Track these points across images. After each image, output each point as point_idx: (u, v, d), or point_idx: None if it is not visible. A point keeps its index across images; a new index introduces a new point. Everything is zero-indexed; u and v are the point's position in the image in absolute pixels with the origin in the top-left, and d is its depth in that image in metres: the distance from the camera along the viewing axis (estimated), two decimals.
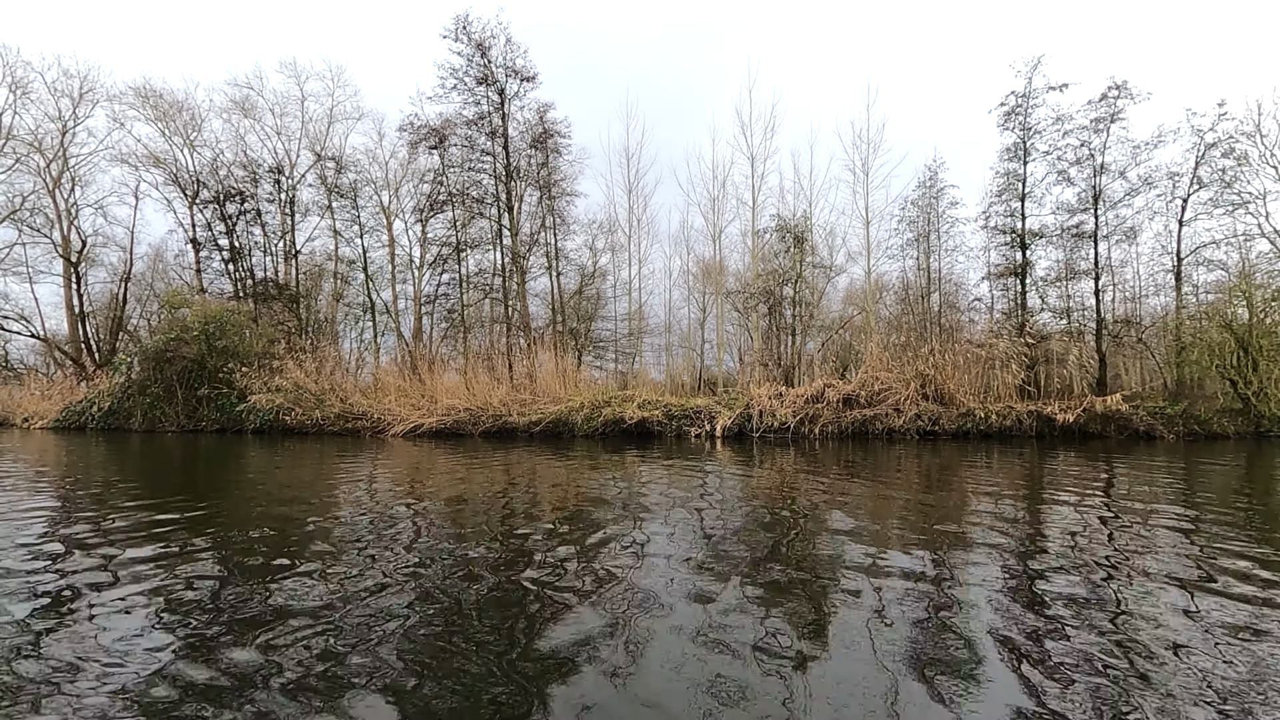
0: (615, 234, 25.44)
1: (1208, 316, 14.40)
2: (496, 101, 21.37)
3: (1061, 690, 2.03)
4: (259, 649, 2.37)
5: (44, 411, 21.98)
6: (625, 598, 2.95)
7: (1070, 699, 1.98)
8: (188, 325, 19.10)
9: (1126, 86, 16.50)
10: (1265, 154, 16.17)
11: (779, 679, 2.10)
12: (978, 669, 2.16)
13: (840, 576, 3.25)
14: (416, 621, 2.66)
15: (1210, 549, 3.78)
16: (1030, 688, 2.05)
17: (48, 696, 2.01)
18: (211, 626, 2.61)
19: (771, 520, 4.88)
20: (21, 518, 4.96)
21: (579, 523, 4.80)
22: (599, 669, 2.19)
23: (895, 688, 2.04)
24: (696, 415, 14.33)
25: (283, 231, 25.16)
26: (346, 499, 5.99)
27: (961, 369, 14.31)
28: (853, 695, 2.00)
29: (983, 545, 3.89)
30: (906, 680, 2.10)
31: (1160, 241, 17.47)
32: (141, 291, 30.32)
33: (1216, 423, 12.75)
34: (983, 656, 2.26)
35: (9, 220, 27.62)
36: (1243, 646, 2.34)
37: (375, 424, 16.04)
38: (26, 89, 26.62)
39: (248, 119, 25.72)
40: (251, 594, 3.04)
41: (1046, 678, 2.12)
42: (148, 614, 2.79)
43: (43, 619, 2.72)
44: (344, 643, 2.40)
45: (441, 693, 2.04)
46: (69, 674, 2.16)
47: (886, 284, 22.73)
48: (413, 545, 4.04)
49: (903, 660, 2.25)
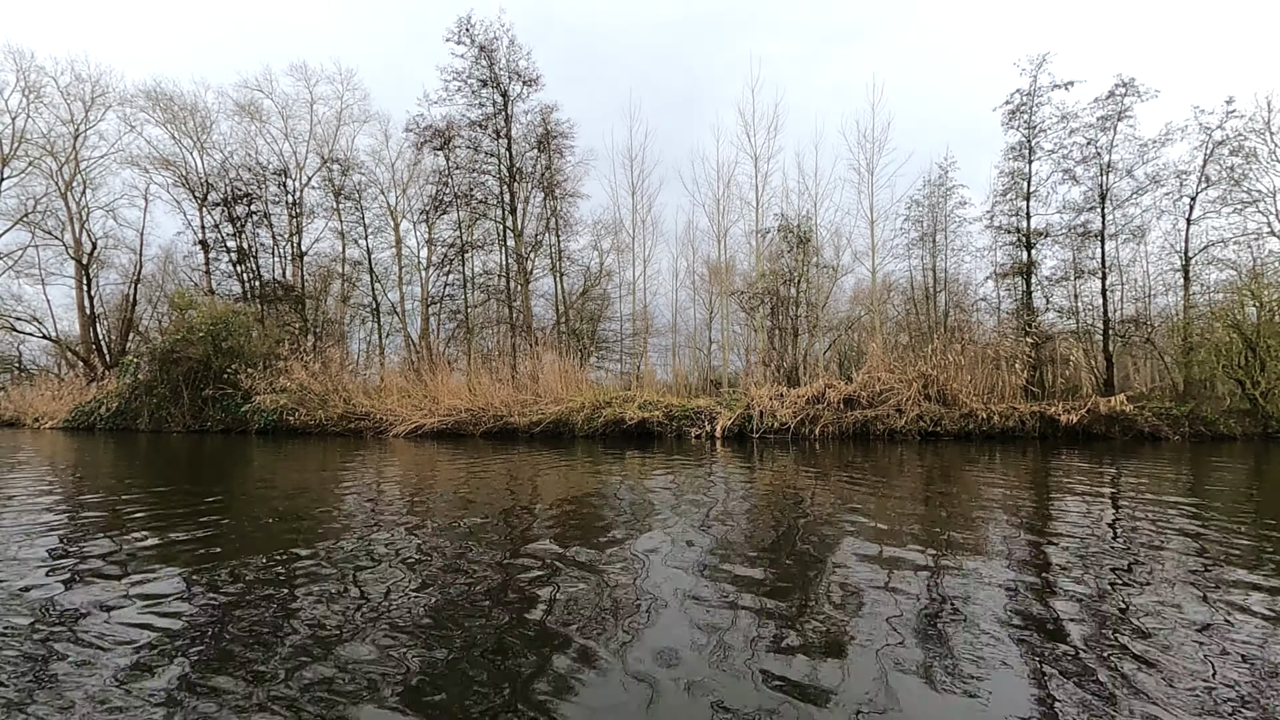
0: (620, 234, 25.47)
1: (1215, 316, 14.20)
2: (500, 103, 21.45)
3: (1066, 698, 2.00)
4: (260, 660, 2.37)
5: (54, 412, 22.28)
6: (621, 602, 2.92)
7: (1075, 708, 1.95)
8: (194, 326, 19.28)
9: (1134, 84, 16.32)
10: (1275, 151, 15.94)
11: (782, 691, 2.05)
12: (984, 682, 2.11)
13: (840, 586, 3.19)
14: (420, 635, 2.65)
15: (1217, 556, 3.70)
16: (1036, 698, 2.01)
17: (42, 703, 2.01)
18: (210, 643, 2.61)
19: (767, 521, 4.85)
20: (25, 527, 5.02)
21: (577, 525, 4.79)
22: (600, 675, 2.16)
23: (901, 696, 2.01)
24: (697, 416, 14.30)
25: (290, 233, 25.37)
26: (347, 506, 6.03)
27: (965, 369, 14.19)
28: (859, 704, 1.97)
29: (988, 552, 3.81)
30: (913, 688, 2.06)
31: (1169, 240, 17.26)
32: (152, 293, 30.67)
33: (1223, 424, 12.56)
34: (991, 668, 2.21)
35: (22, 223, 28.02)
36: (1252, 659, 2.28)
37: (377, 424, 16.12)
38: (40, 93, 27.06)
39: (256, 121, 25.99)
40: (257, 603, 3.05)
41: (1053, 687, 2.08)
42: (150, 615, 2.81)
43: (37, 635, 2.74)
44: (345, 654, 2.35)
45: (447, 702, 2.01)
46: (67, 685, 2.17)
47: (895, 284, 22.62)
48: (413, 555, 4.05)
49: (909, 669, 2.20)
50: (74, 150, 27.85)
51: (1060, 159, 17.31)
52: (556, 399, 15.55)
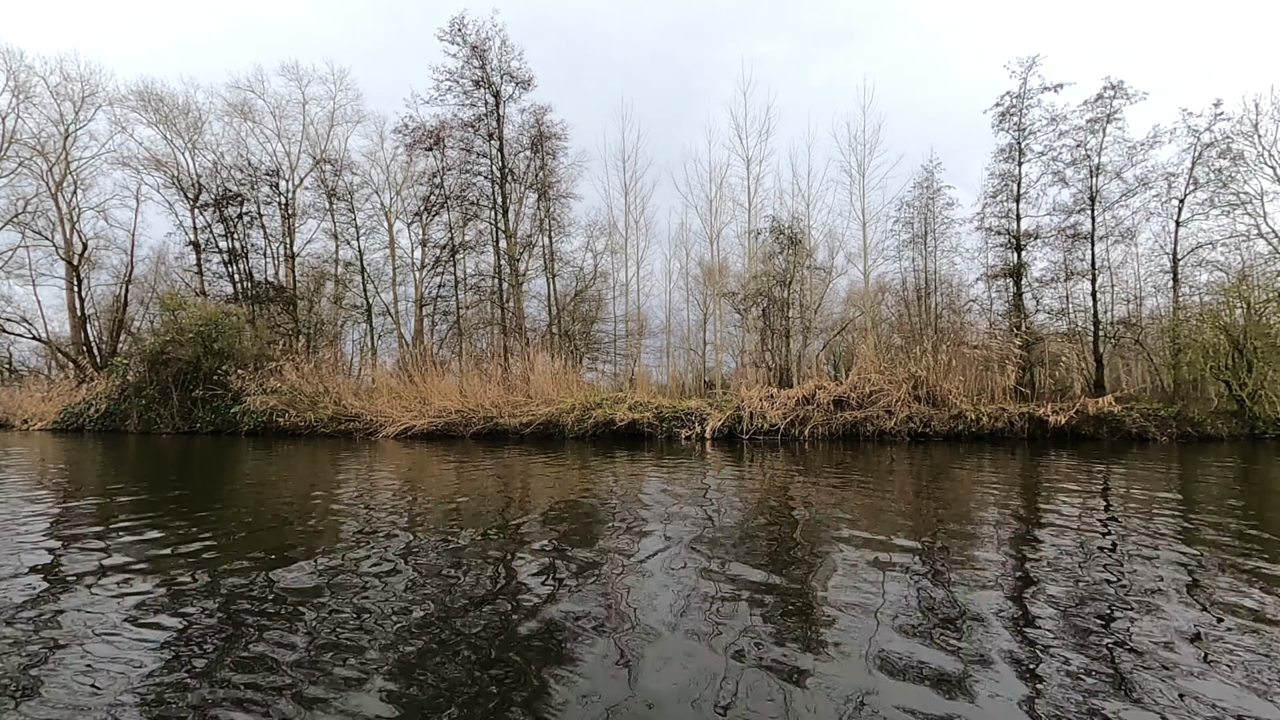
0: (614, 236, 25.45)
1: (1202, 318, 14.26)
2: (492, 104, 21.42)
3: (1056, 704, 1.99)
4: (253, 661, 2.35)
5: (43, 413, 22.12)
6: (612, 609, 2.90)
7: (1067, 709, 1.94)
8: (184, 328, 19.18)
9: (1123, 86, 16.39)
10: (1263, 154, 16.03)
11: (775, 694, 2.05)
12: (977, 684, 2.11)
13: (828, 587, 3.18)
14: (410, 635, 2.63)
15: (1201, 557, 3.71)
16: (1027, 704, 2.00)
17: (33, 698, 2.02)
18: (197, 647, 2.58)
19: (754, 522, 4.84)
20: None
21: (564, 527, 4.78)
22: (592, 678, 2.16)
23: (890, 700, 2.00)
24: (688, 417, 14.28)
25: (283, 234, 25.28)
26: (335, 511, 5.99)
27: (956, 370, 14.21)
28: (848, 707, 1.96)
29: (978, 558, 3.78)
30: (902, 692, 2.06)
31: (1159, 242, 17.34)
32: (144, 293, 30.50)
33: (1211, 424, 12.61)
34: (981, 671, 2.21)
35: (12, 223, 27.84)
36: (1242, 663, 2.28)
37: (367, 426, 16.05)
38: (29, 93, 26.88)
39: (248, 122, 25.88)
40: (242, 613, 3.02)
41: (1043, 689, 2.09)
42: (142, 619, 2.78)
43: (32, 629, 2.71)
44: (336, 655, 2.35)
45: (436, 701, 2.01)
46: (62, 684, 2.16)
47: (889, 285, 22.65)
48: (400, 560, 4.02)
49: (900, 672, 2.20)
50: (64, 150, 27.70)
51: (1050, 161, 17.40)
52: (547, 400, 15.52)
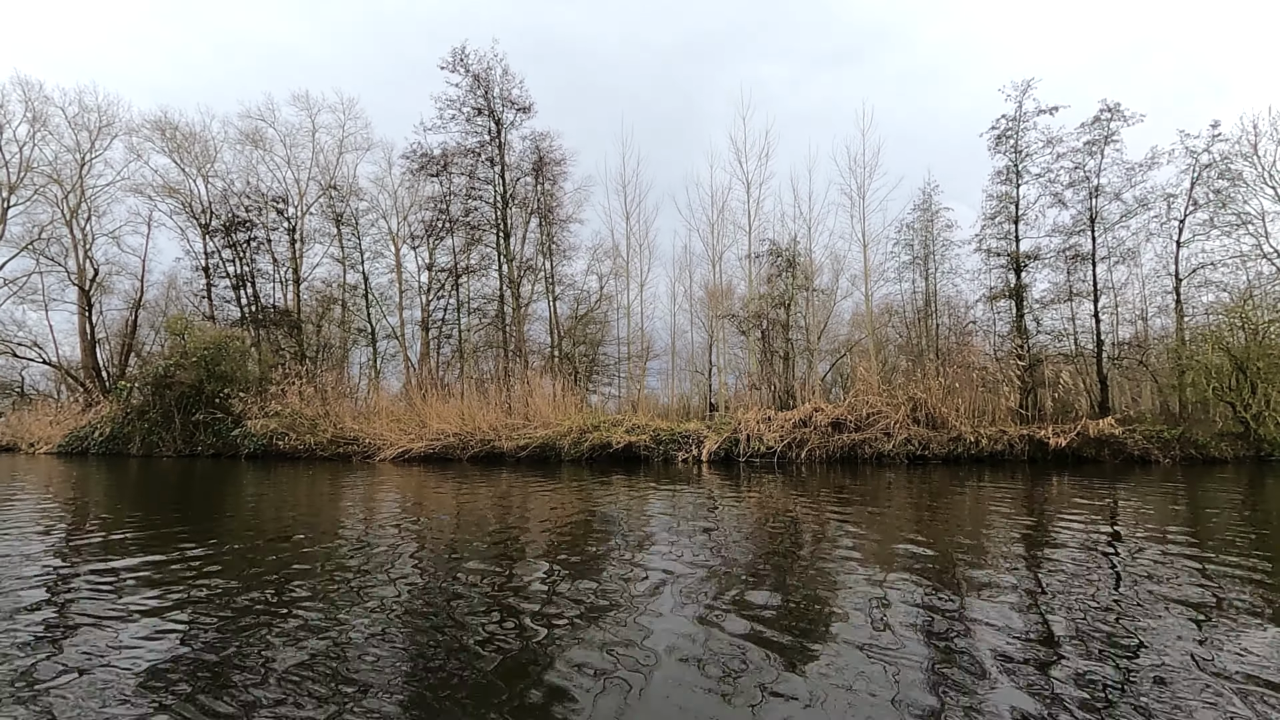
0: (617, 259, 25.57)
1: (1204, 338, 14.09)
2: (494, 130, 21.77)
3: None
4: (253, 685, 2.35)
5: (49, 437, 22.32)
6: (611, 633, 2.89)
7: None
8: (188, 351, 19.39)
9: (1119, 108, 16.45)
10: (1263, 174, 15.98)
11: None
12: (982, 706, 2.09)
13: (830, 614, 3.16)
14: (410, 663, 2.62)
15: (1206, 584, 3.65)
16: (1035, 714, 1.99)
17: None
18: (198, 666, 2.58)
19: (750, 548, 4.78)
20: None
21: (561, 549, 4.74)
22: (593, 699, 2.17)
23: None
24: (684, 440, 14.20)
25: (290, 259, 25.64)
26: (333, 534, 5.97)
27: (956, 392, 14.09)
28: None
29: (979, 581, 3.76)
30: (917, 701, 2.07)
31: (1162, 262, 17.24)
32: (155, 318, 30.91)
33: (1215, 447, 12.38)
34: (986, 694, 2.20)
35: (27, 249, 28.40)
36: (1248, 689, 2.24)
37: (365, 449, 16.07)
38: (46, 123, 27.59)
39: (259, 149, 26.43)
40: (245, 632, 3.01)
41: (1051, 706, 2.07)
42: (147, 638, 2.82)
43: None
44: (339, 683, 2.35)
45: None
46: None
47: (893, 307, 22.56)
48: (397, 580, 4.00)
49: (903, 693, 2.20)
50: (80, 178, 28.33)
51: (1048, 183, 17.41)
52: (545, 423, 15.48)
